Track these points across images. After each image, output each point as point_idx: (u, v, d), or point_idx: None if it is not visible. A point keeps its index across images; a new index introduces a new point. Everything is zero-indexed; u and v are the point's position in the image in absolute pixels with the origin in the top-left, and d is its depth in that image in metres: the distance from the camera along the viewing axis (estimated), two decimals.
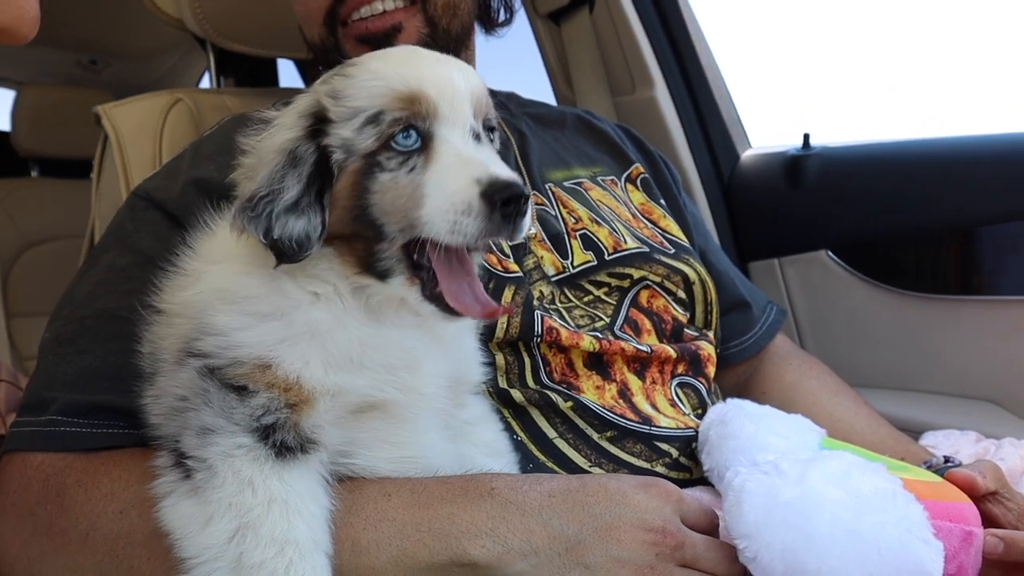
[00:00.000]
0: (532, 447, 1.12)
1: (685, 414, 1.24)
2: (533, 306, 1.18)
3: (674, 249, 1.40)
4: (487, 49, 1.47)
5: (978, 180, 1.85)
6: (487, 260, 1.22)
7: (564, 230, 1.34)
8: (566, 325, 1.21)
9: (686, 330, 1.36)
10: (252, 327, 0.84)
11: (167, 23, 1.74)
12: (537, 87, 2.42)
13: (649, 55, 2.18)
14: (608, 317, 1.28)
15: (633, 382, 1.22)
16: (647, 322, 1.31)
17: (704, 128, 2.25)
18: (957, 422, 1.62)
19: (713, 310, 1.42)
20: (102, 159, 1.68)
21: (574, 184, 1.43)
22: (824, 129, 2.16)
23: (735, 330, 1.55)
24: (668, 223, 1.48)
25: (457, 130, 0.84)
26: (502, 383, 1.15)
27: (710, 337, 1.39)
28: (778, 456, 0.94)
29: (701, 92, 2.25)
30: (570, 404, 1.14)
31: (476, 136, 0.86)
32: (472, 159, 0.82)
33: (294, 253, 0.81)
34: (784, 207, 2.12)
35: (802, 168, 2.08)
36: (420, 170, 0.82)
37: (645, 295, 1.33)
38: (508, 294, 1.18)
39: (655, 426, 1.17)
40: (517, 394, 1.13)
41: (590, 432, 1.14)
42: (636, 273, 1.32)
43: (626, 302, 1.31)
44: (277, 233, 0.80)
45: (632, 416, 1.17)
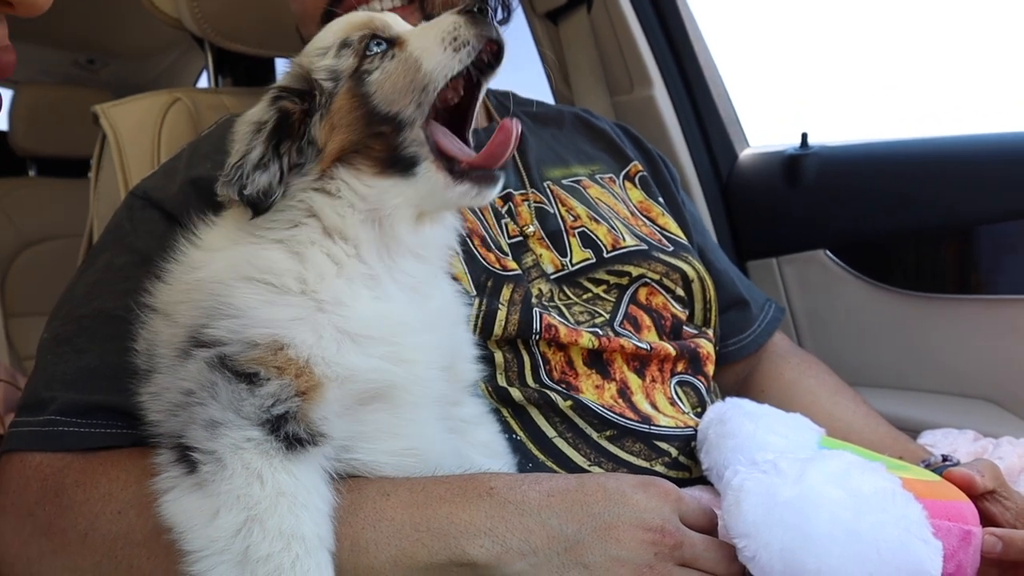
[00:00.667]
0: (531, 446, 1.12)
1: (684, 413, 1.24)
2: (532, 304, 1.18)
3: (673, 247, 1.41)
4: None
5: (976, 179, 1.85)
6: (486, 259, 1.22)
7: (563, 228, 1.34)
8: (565, 322, 1.21)
9: (685, 327, 1.36)
10: (271, 303, 0.86)
11: (165, 22, 1.73)
12: (535, 86, 2.42)
13: (647, 54, 2.18)
14: (608, 313, 1.28)
15: (633, 380, 1.22)
16: (647, 318, 1.31)
17: (702, 127, 2.25)
18: (955, 421, 1.63)
19: (712, 308, 1.42)
20: (100, 158, 1.68)
21: (572, 182, 1.43)
22: (822, 128, 2.17)
23: (734, 328, 1.55)
24: (667, 221, 1.48)
25: (402, 21, 1.01)
26: (501, 381, 1.15)
27: (709, 335, 1.39)
28: (777, 455, 0.94)
29: (699, 91, 2.25)
30: (569, 403, 1.14)
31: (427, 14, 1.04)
32: (434, 22, 0.97)
33: (259, 202, 0.90)
34: (782, 206, 2.12)
35: (800, 167, 2.08)
36: (400, 52, 0.95)
37: (644, 292, 1.33)
38: (507, 292, 1.18)
39: (654, 425, 1.17)
40: (516, 393, 1.13)
41: (589, 431, 1.14)
42: (635, 271, 1.32)
43: (625, 299, 1.31)
44: (248, 190, 0.89)
45: (631, 415, 1.17)
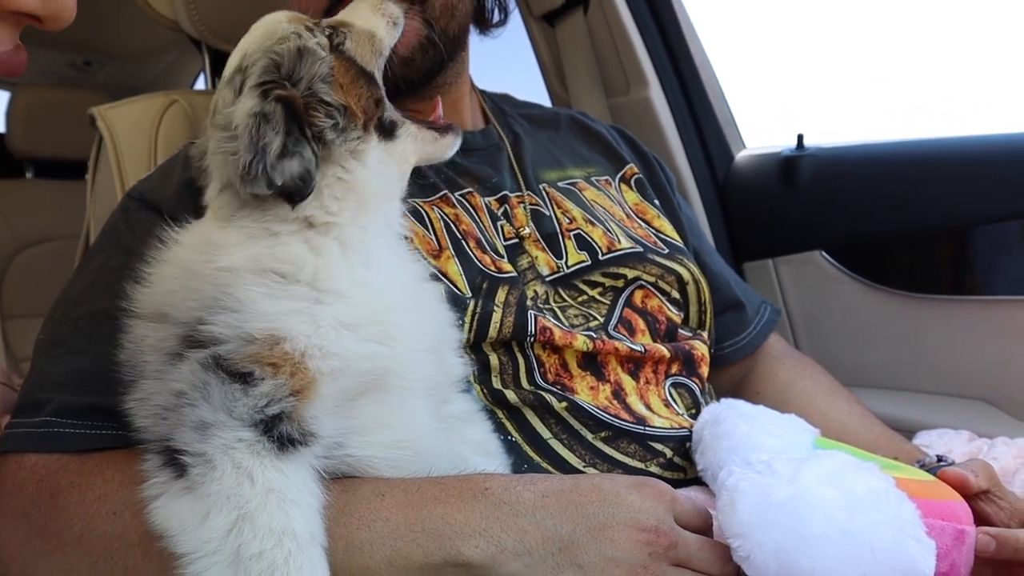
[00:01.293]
0: (526, 448, 1.13)
1: (679, 414, 1.24)
2: (527, 306, 1.18)
3: (668, 249, 1.41)
4: (482, 50, 1.47)
5: (972, 180, 1.85)
6: (482, 261, 1.22)
7: (558, 230, 1.34)
8: (560, 325, 1.21)
9: (680, 330, 1.36)
10: (277, 295, 0.86)
11: (162, 24, 1.73)
12: (532, 88, 2.42)
13: (643, 56, 2.18)
14: (602, 317, 1.28)
15: (627, 382, 1.23)
16: (641, 322, 1.31)
17: (698, 128, 2.25)
18: (950, 421, 1.63)
19: (707, 310, 1.43)
20: (97, 160, 1.68)
21: (568, 184, 1.44)
22: (819, 128, 2.18)
23: (729, 330, 1.55)
24: (662, 223, 1.48)
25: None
26: (496, 384, 1.15)
27: (704, 337, 1.39)
28: (771, 455, 0.95)
29: (695, 93, 2.25)
30: (564, 405, 1.14)
31: None
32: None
33: (302, 188, 0.87)
34: (778, 207, 2.13)
35: (796, 168, 2.08)
36: (351, 30, 1.04)
37: (639, 295, 1.33)
38: (502, 294, 1.19)
39: (649, 426, 1.18)
40: (511, 395, 1.13)
41: (584, 432, 1.14)
42: (630, 273, 1.32)
43: (620, 302, 1.31)
44: (279, 180, 0.86)
45: (626, 416, 1.18)
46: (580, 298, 1.30)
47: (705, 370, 1.34)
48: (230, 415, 0.80)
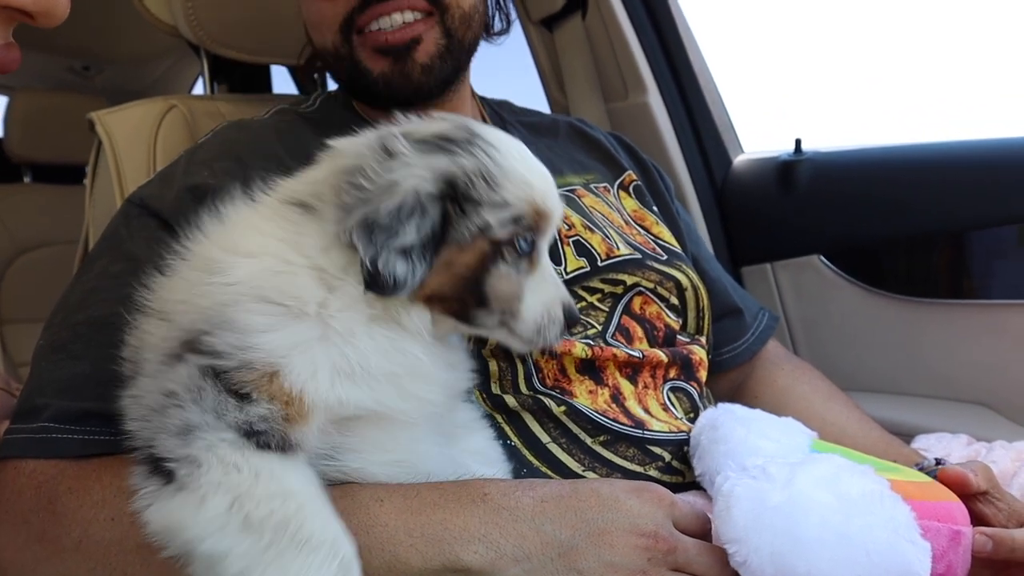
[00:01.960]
0: (526, 452, 1.13)
1: (677, 418, 1.24)
2: None
3: (667, 255, 1.41)
4: (480, 55, 1.48)
5: (969, 185, 1.86)
6: None
7: (557, 237, 1.34)
8: None
9: (678, 336, 1.36)
10: (279, 328, 0.83)
11: (160, 29, 1.74)
12: (530, 93, 2.43)
13: (642, 61, 2.19)
14: (600, 324, 1.28)
15: (625, 387, 1.23)
16: (639, 329, 1.31)
17: (697, 133, 2.26)
18: (949, 425, 1.63)
19: (705, 316, 1.43)
20: (96, 165, 1.68)
21: (567, 191, 1.44)
22: (816, 133, 2.18)
23: (728, 336, 1.55)
24: (661, 229, 1.48)
25: (546, 246, 0.98)
26: (495, 389, 1.15)
27: (702, 342, 1.39)
28: (767, 460, 0.95)
29: (694, 97, 2.26)
30: (563, 409, 1.14)
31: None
32: (555, 278, 0.98)
33: (387, 289, 0.83)
34: (777, 212, 2.13)
35: (794, 173, 2.08)
36: (524, 272, 0.93)
37: (638, 301, 1.33)
38: None
39: (648, 430, 1.18)
40: (510, 400, 1.13)
41: (583, 436, 1.15)
42: (629, 279, 1.32)
43: (619, 309, 1.31)
44: (382, 265, 0.82)
45: (625, 420, 1.18)
46: (579, 304, 1.30)
47: (703, 374, 1.34)
48: (218, 418, 0.80)
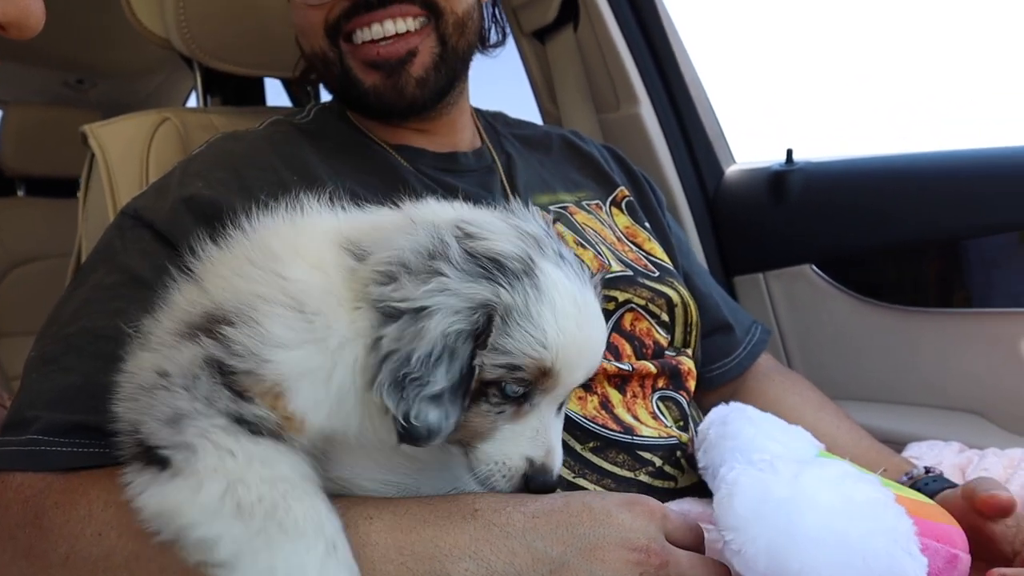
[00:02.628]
0: None
1: (667, 426, 1.24)
2: None
3: (658, 272, 1.41)
4: (472, 65, 1.48)
5: (960, 194, 1.87)
6: None
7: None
8: None
9: (667, 352, 1.36)
10: (297, 348, 0.82)
11: (153, 42, 1.74)
12: (522, 104, 2.44)
13: (633, 72, 2.20)
14: None
15: (614, 395, 1.23)
16: (628, 347, 1.31)
17: (688, 144, 2.27)
18: (941, 433, 1.63)
19: (693, 331, 1.43)
20: (89, 178, 1.69)
21: (559, 208, 1.44)
22: (808, 143, 2.19)
23: (719, 352, 1.55)
24: (653, 246, 1.49)
25: (552, 405, 0.90)
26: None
27: (689, 353, 1.39)
28: (774, 457, 0.95)
29: (685, 108, 2.27)
30: None
31: (561, 405, 0.93)
32: (539, 439, 0.89)
33: (421, 439, 0.81)
34: (768, 222, 2.14)
35: (786, 183, 2.09)
36: (505, 417, 0.87)
37: (629, 318, 1.33)
38: None
39: (637, 436, 1.18)
40: None
41: (573, 443, 1.14)
42: (621, 296, 1.32)
43: (608, 326, 1.31)
44: (412, 414, 0.79)
45: (614, 426, 1.18)
46: None
47: (692, 384, 1.34)
48: (208, 406, 0.80)
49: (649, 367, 1.27)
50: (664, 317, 1.38)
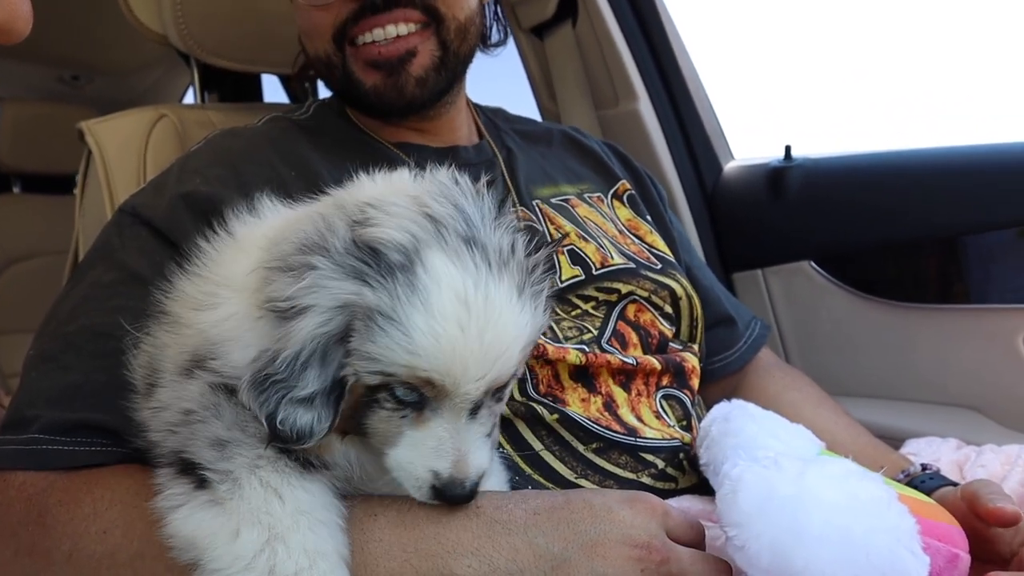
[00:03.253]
0: (518, 459, 1.12)
1: (670, 426, 1.24)
2: None
3: (661, 264, 1.42)
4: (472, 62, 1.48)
5: (958, 190, 1.87)
6: None
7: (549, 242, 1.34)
8: (552, 340, 1.21)
9: (671, 344, 1.36)
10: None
11: (150, 39, 1.73)
12: (521, 100, 2.43)
13: (632, 68, 2.20)
14: (596, 330, 1.28)
15: (619, 394, 1.23)
16: (634, 335, 1.31)
17: (687, 140, 2.27)
18: (938, 429, 1.64)
19: (698, 325, 1.43)
20: (86, 175, 1.68)
21: (561, 201, 1.44)
22: (807, 139, 2.19)
23: (721, 345, 1.56)
24: (655, 239, 1.49)
25: (456, 411, 0.82)
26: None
27: (695, 350, 1.39)
28: (779, 454, 0.95)
29: (684, 104, 2.27)
30: (556, 416, 1.14)
31: (475, 409, 0.83)
32: (444, 448, 0.82)
33: (290, 442, 0.78)
34: (767, 218, 2.14)
35: (784, 179, 2.09)
36: (408, 422, 0.82)
37: (632, 309, 1.34)
38: None
39: (640, 437, 1.18)
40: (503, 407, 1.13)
41: (576, 444, 1.15)
42: (624, 288, 1.32)
43: (614, 315, 1.31)
44: (280, 420, 0.76)
45: (617, 428, 1.18)
46: (574, 312, 1.30)
47: (696, 382, 1.34)
48: (244, 432, 0.79)
49: (654, 363, 1.27)
50: (668, 309, 1.38)
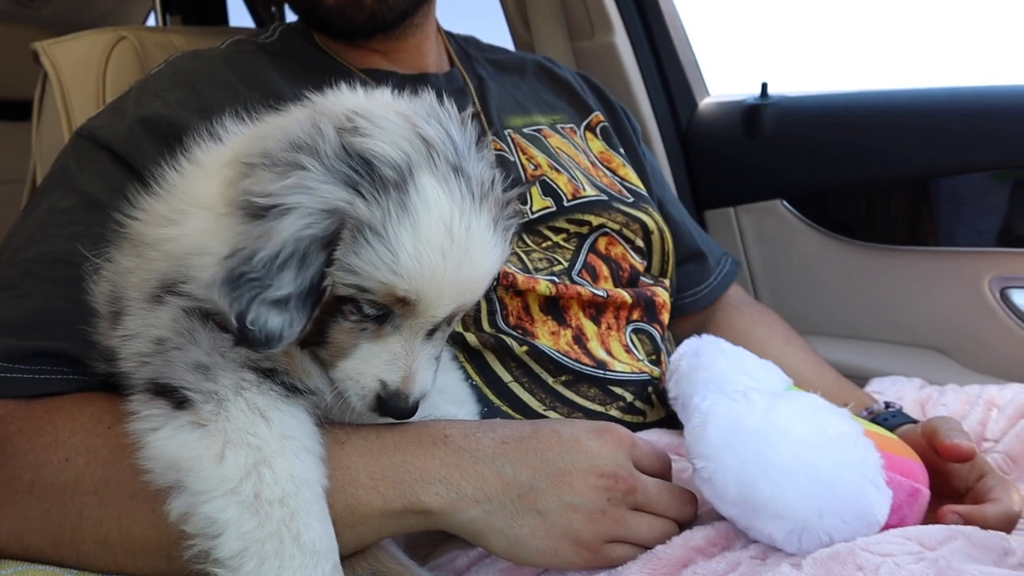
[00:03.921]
0: (487, 391, 1.13)
1: (639, 360, 1.25)
2: None
3: (633, 198, 1.40)
4: None
5: (932, 132, 1.87)
6: None
7: (523, 176, 1.33)
8: (522, 270, 1.20)
9: (642, 278, 1.36)
10: None
11: None
12: (495, 30, 2.38)
13: (609, 0, 2.15)
14: (567, 262, 1.28)
15: (588, 327, 1.23)
16: (604, 268, 1.31)
17: (663, 75, 2.24)
18: (903, 369, 1.66)
19: (669, 260, 1.43)
20: (42, 99, 1.61)
21: (533, 131, 1.42)
22: (783, 77, 2.17)
23: (691, 280, 1.56)
24: (627, 172, 1.47)
25: (418, 331, 0.83)
26: (457, 327, 1.14)
27: (665, 284, 1.40)
28: (748, 388, 0.95)
29: (660, 38, 2.23)
30: (525, 348, 1.14)
31: (432, 331, 0.84)
32: (396, 363, 0.82)
33: (258, 345, 0.75)
34: (741, 156, 2.13)
35: (759, 117, 2.08)
36: (367, 335, 0.81)
37: (603, 242, 1.33)
38: None
39: (609, 370, 1.18)
40: (472, 338, 1.13)
41: (545, 376, 1.15)
42: (595, 220, 1.32)
43: (584, 248, 1.31)
44: (250, 320, 0.73)
45: (587, 360, 1.18)
46: (544, 244, 1.29)
47: (666, 317, 1.35)
48: (223, 357, 0.77)
49: (624, 296, 1.26)
50: (639, 243, 1.37)
